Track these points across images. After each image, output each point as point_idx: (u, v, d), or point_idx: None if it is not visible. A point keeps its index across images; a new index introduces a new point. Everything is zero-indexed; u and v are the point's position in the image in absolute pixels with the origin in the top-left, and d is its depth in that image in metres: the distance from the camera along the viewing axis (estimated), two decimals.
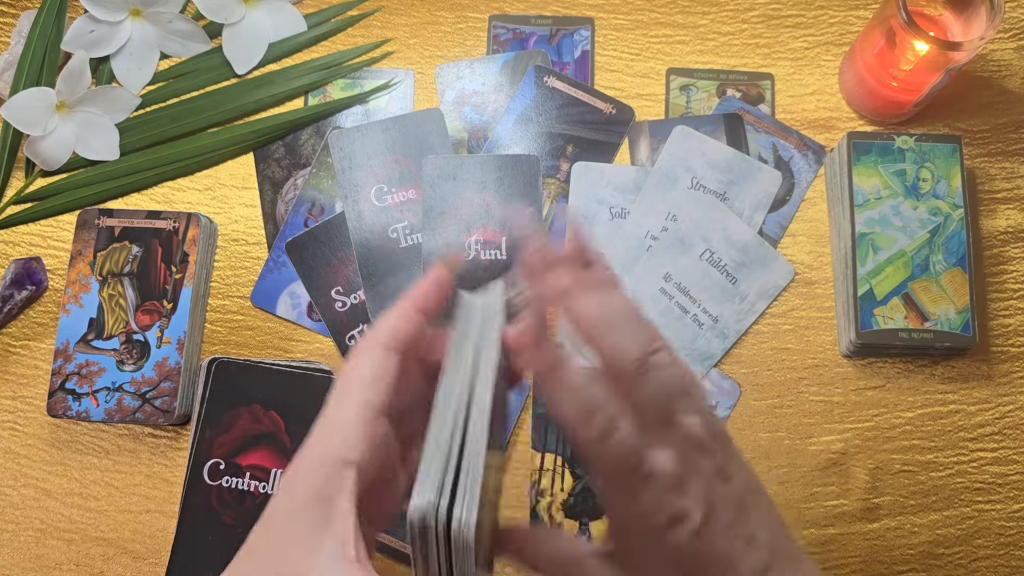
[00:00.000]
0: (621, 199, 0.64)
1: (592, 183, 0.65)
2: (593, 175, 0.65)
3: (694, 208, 0.63)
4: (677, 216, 0.63)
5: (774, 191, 0.64)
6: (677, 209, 0.63)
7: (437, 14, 0.69)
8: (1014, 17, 0.68)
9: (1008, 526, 0.59)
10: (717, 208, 0.63)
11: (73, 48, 0.65)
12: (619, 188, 0.64)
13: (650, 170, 0.64)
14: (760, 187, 0.64)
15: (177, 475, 0.61)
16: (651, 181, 0.64)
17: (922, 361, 0.62)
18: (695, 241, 0.63)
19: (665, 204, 0.64)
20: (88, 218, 0.63)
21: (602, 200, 0.64)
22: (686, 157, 0.64)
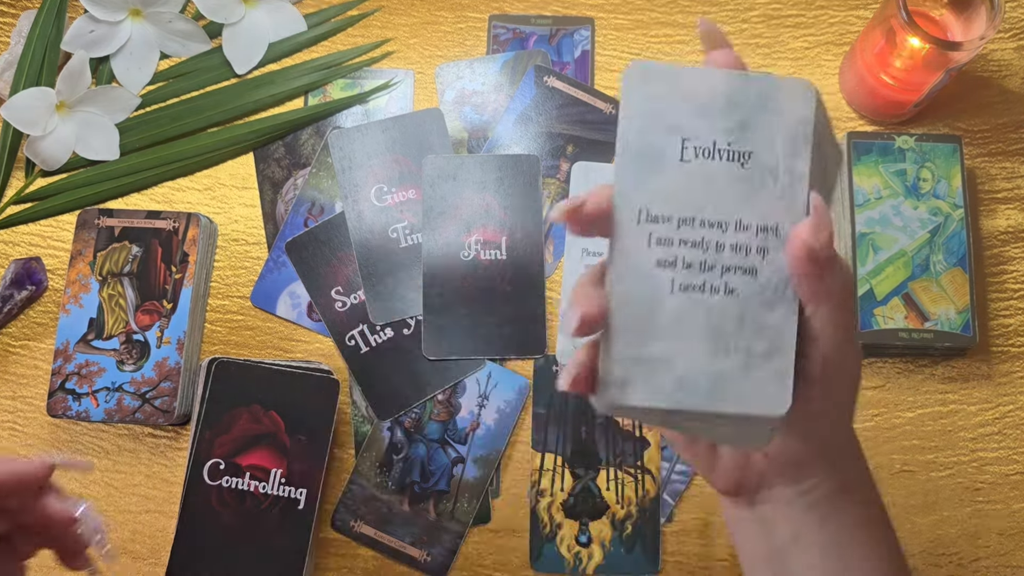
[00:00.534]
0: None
1: (592, 183, 0.65)
2: (593, 175, 0.65)
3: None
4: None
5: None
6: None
7: (437, 14, 0.69)
8: (1014, 17, 0.68)
9: (1009, 526, 0.59)
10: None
11: (73, 48, 0.65)
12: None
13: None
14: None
15: (177, 475, 0.61)
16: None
17: (922, 361, 0.62)
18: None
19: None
20: (88, 218, 0.63)
21: None
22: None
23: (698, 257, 0.33)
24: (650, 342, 0.32)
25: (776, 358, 0.32)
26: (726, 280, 0.33)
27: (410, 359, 0.62)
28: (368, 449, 0.61)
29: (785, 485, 0.36)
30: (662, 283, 0.33)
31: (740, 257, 0.33)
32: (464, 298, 0.63)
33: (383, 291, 0.63)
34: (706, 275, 0.33)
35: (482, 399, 0.61)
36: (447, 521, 0.60)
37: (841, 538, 0.36)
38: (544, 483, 0.60)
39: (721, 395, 0.32)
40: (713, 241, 0.33)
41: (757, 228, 0.33)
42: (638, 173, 0.33)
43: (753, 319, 0.33)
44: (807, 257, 0.31)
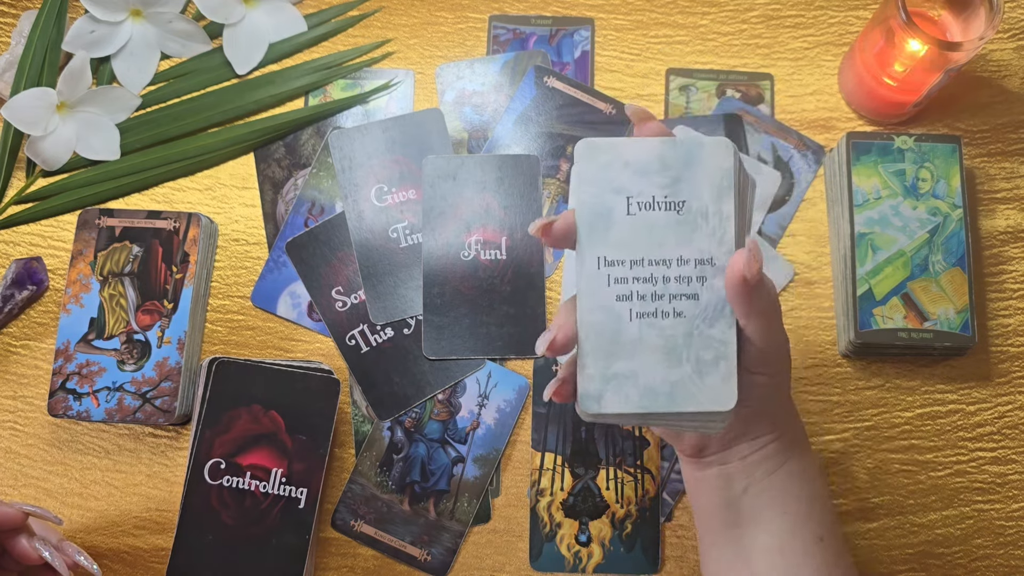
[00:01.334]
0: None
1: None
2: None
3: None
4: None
5: (774, 191, 0.64)
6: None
7: (437, 14, 0.69)
8: (1013, 17, 0.68)
9: (1007, 526, 0.59)
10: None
11: (74, 48, 0.65)
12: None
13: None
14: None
15: (177, 475, 0.61)
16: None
17: (921, 361, 0.62)
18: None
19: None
20: (89, 218, 0.63)
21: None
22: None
23: (649, 289, 0.41)
24: (617, 361, 0.40)
25: (722, 364, 0.40)
26: (674, 305, 0.41)
27: (410, 359, 0.62)
28: (368, 449, 0.61)
29: (742, 443, 0.45)
30: (622, 313, 0.41)
31: (684, 286, 0.41)
32: (464, 298, 0.63)
33: (383, 291, 0.63)
34: (657, 303, 0.41)
35: (482, 399, 0.62)
36: (447, 520, 0.60)
37: (786, 487, 0.46)
38: (544, 482, 0.60)
39: (679, 398, 0.40)
40: (660, 275, 0.41)
41: (695, 261, 0.41)
42: (594, 228, 0.41)
43: (699, 334, 0.41)
44: (741, 283, 0.39)
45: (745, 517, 0.46)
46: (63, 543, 0.49)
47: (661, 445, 0.61)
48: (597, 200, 0.41)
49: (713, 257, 0.41)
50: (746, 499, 0.46)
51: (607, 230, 0.41)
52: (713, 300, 0.41)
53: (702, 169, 0.41)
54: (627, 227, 0.41)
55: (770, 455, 0.46)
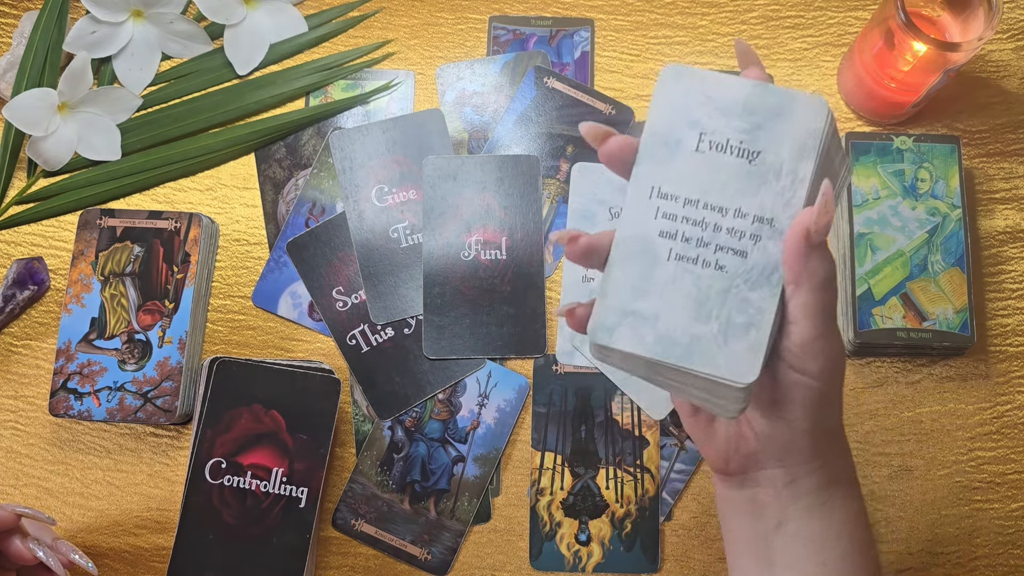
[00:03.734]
0: (621, 199, 0.64)
1: (592, 183, 0.65)
2: (593, 175, 0.65)
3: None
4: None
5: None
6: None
7: (437, 15, 0.69)
8: (1012, 18, 0.68)
9: (1006, 525, 0.59)
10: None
11: (75, 49, 0.65)
12: (619, 188, 0.65)
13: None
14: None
15: (178, 474, 0.61)
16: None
17: (920, 361, 0.62)
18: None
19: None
20: (90, 218, 0.63)
21: (602, 200, 0.65)
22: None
23: (697, 233, 0.37)
24: (642, 298, 0.37)
25: (752, 332, 0.36)
26: (718, 257, 0.37)
27: (410, 359, 0.62)
28: (369, 448, 0.61)
29: (773, 467, 0.39)
30: (661, 250, 0.37)
31: (734, 240, 0.37)
32: (464, 298, 0.63)
33: (384, 291, 0.63)
34: (701, 250, 0.37)
35: (482, 398, 0.62)
36: (448, 520, 0.60)
37: (825, 535, 0.39)
38: (544, 482, 0.60)
39: (695, 355, 0.36)
40: (713, 222, 0.37)
41: (754, 217, 0.37)
42: (657, 155, 0.38)
43: (737, 294, 0.36)
44: (802, 238, 0.34)
45: (778, 560, 0.40)
46: (58, 542, 0.49)
47: (660, 444, 0.61)
48: (668, 128, 0.38)
49: (775, 219, 0.37)
50: (779, 539, 0.40)
51: (669, 160, 0.38)
52: (762, 262, 0.37)
53: (788, 123, 0.37)
54: (691, 163, 0.37)
55: (809, 490, 0.39)
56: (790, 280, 0.35)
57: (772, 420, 0.37)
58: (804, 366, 0.37)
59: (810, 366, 0.36)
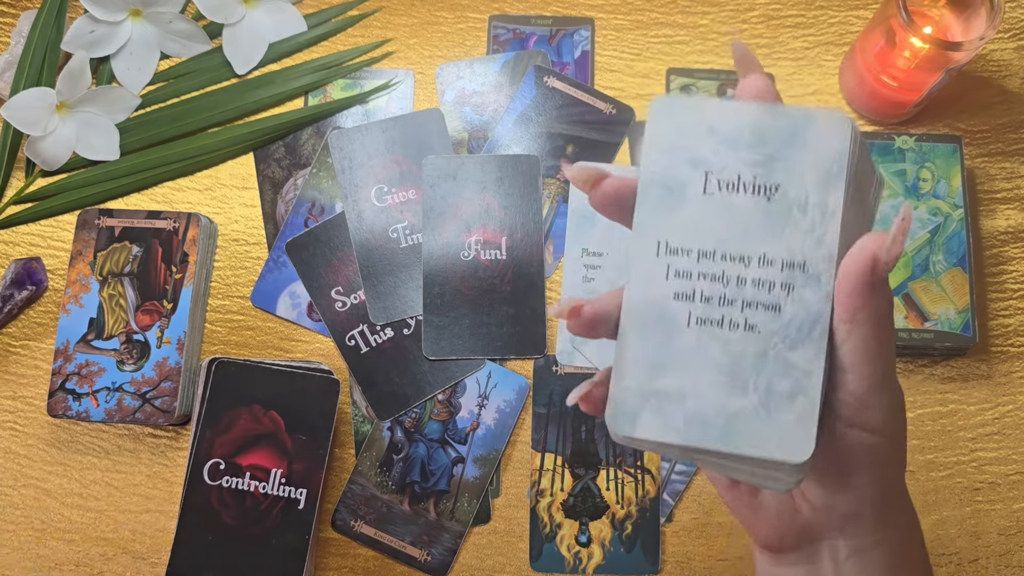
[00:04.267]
0: None
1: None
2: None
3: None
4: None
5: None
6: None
7: (437, 14, 0.69)
8: (1014, 17, 0.68)
9: (1008, 526, 0.59)
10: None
11: (73, 48, 0.65)
12: None
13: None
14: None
15: (177, 475, 0.61)
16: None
17: (922, 361, 0.62)
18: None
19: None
20: (88, 218, 0.63)
21: None
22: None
23: (718, 291, 0.32)
24: (663, 374, 0.32)
25: (799, 400, 0.31)
26: (747, 315, 0.32)
27: (410, 359, 0.62)
28: (368, 449, 0.61)
29: (833, 539, 0.34)
30: (679, 315, 0.32)
31: (763, 293, 0.32)
32: (464, 298, 0.63)
33: (383, 291, 0.63)
34: (726, 309, 0.32)
35: (482, 399, 0.61)
36: (447, 521, 0.60)
37: None
38: (544, 483, 0.60)
39: (737, 435, 0.31)
40: (734, 275, 0.32)
41: (783, 263, 0.32)
42: (659, 205, 0.33)
43: (776, 357, 0.31)
44: (869, 266, 0.29)
45: None
46: None
47: None
48: (668, 170, 0.33)
49: (806, 262, 0.32)
50: None
51: (675, 209, 0.32)
52: (800, 315, 0.31)
53: (807, 148, 0.32)
54: (701, 209, 0.32)
55: (875, 563, 0.33)
56: (846, 319, 0.30)
57: (832, 488, 0.32)
58: (865, 420, 0.31)
59: (872, 419, 0.31)
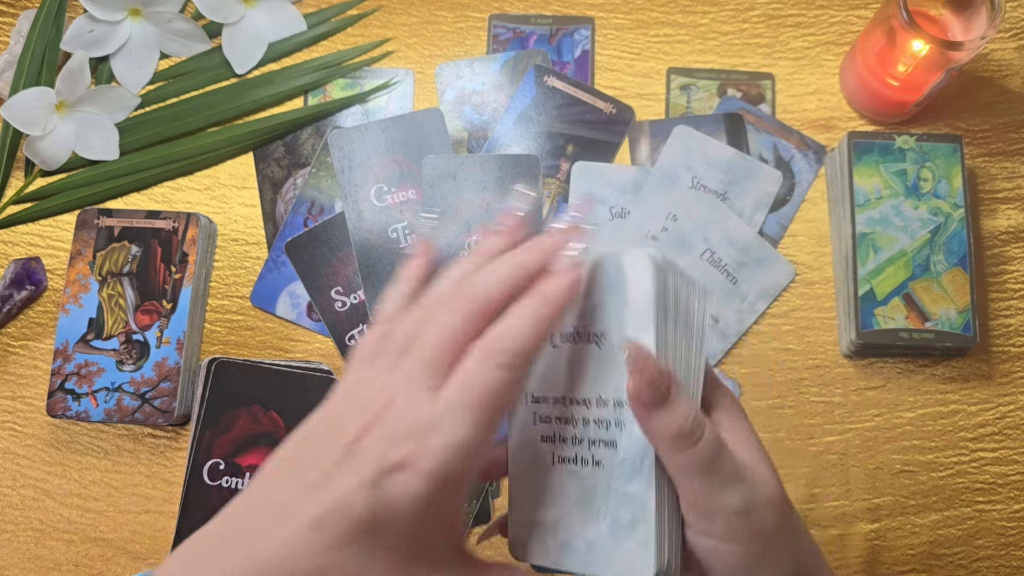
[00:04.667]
0: (621, 199, 0.64)
1: (592, 183, 0.65)
2: (593, 175, 0.65)
3: (695, 208, 0.63)
4: (678, 216, 0.63)
5: (775, 191, 0.64)
6: (678, 209, 0.63)
7: (437, 13, 0.69)
8: (1015, 17, 0.68)
9: (1009, 526, 0.59)
10: (718, 208, 0.63)
11: (72, 48, 0.65)
12: (619, 188, 0.64)
13: (650, 170, 0.64)
14: (761, 187, 0.64)
15: (177, 475, 0.61)
16: (651, 181, 0.64)
17: (923, 361, 0.62)
18: (696, 241, 0.63)
19: (666, 204, 0.63)
20: (87, 218, 0.63)
21: (602, 200, 0.64)
22: (686, 157, 0.64)
23: (570, 432, 0.36)
24: (540, 508, 0.36)
25: (639, 527, 0.33)
26: (593, 452, 0.35)
27: None
28: None
29: None
30: (545, 455, 0.36)
31: (602, 431, 0.35)
32: None
33: (383, 291, 0.63)
34: (577, 448, 0.36)
35: None
36: None
37: None
38: None
39: (595, 560, 0.34)
40: (580, 417, 0.36)
41: (613, 403, 0.35)
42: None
43: (617, 489, 0.34)
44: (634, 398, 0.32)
45: None
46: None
47: None
48: None
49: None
50: None
51: (535, 363, 0.36)
52: (632, 449, 0.34)
53: (622, 291, 0.34)
54: (552, 361, 0.36)
55: None
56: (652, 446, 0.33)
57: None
58: (708, 528, 0.33)
59: (714, 527, 0.33)
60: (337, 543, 0.30)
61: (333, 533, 0.30)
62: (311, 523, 0.30)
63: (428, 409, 0.31)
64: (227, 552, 0.31)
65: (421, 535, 0.31)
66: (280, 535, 0.30)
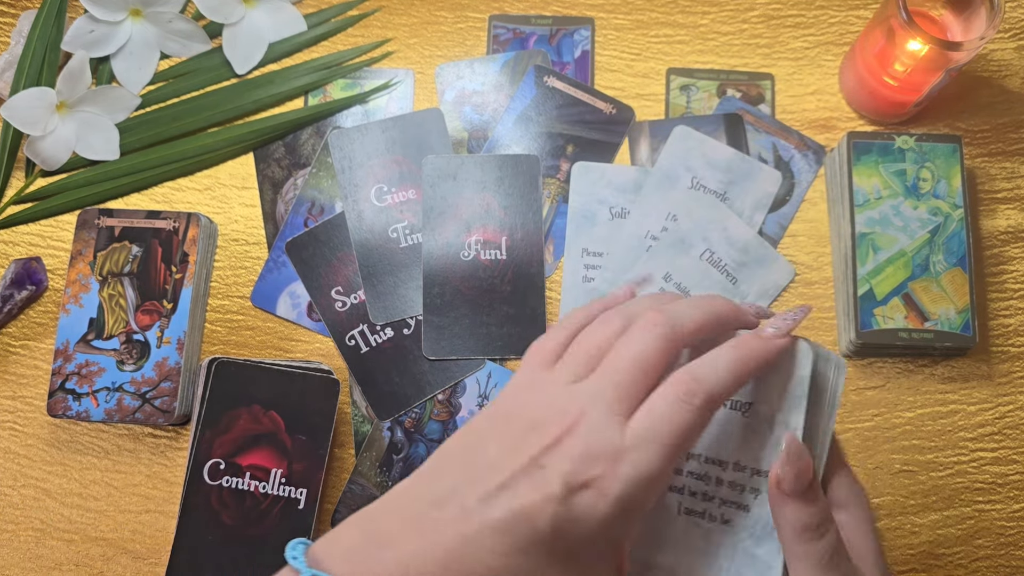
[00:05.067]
0: (621, 199, 0.64)
1: (592, 183, 0.65)
2: (593, 175, 0.65)
3: (694, 208, 0.63)
4: (677, 216, 0.63)
5: (774, 191, 0.64)
6: (677, 209, 0.63)
7: (437, 14, 0.69)
8: (1014, 17, 0.68)
9: (1008, 526, 0.59)
10: (717, 208, 0.63)
11: (73, 48, 0.65)
12: (619, 188, 0.64)
13: (650, 170, 0.64)
14: (760, 187, 0.64)
15: (177, 475, 0.61)
16: (651, 181, 0.64)
17: (922, 361, 0.62)
18: (695, 241, 0.63)
19: (665, 204, 0.64)
20: (88, 218, 0.63)
21: (602, 200, 0.64)
22: (686, 157, 0.64)
23: (701, 487, 0.38)
24: (657, 551, 0.38)
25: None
26: (723, 511, 0.37)
27: (410, 359, 0.62)
28: (368, 449, 0.61)
29: None
30: (671, 504, 0.38)
31: (736, 493, 0.38)
32: (464, 298, 0.63)
33: (383, 291, 0.63)
34: (707, 504, 0.38)
35: (482, 399, 0.61)
36: None
37: None
38: None
39: None
40: (715, 476, 0.38)
41: (751, 470, 0.37)
42: None
43: (745, 550, 0.36)
44: (774, 484, 0.35)
45: None
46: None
47: None
48: None
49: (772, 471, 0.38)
50: None
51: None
52: (764, 517, 0.37)
53: (775, 371, 0.37)
54: None
55: None
56: (776, 528, 0.36)
57: None
58: None
59: None
60: (515, 550, 0.31)
61: (514, 539, 0.31)
62: (494, 526, 0.31)
63: (617, 436, 0.32)
64: (405, 537, 0.32)
65: (591, 556, 0.32)
66: (461, 531, 0.31)
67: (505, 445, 0.33)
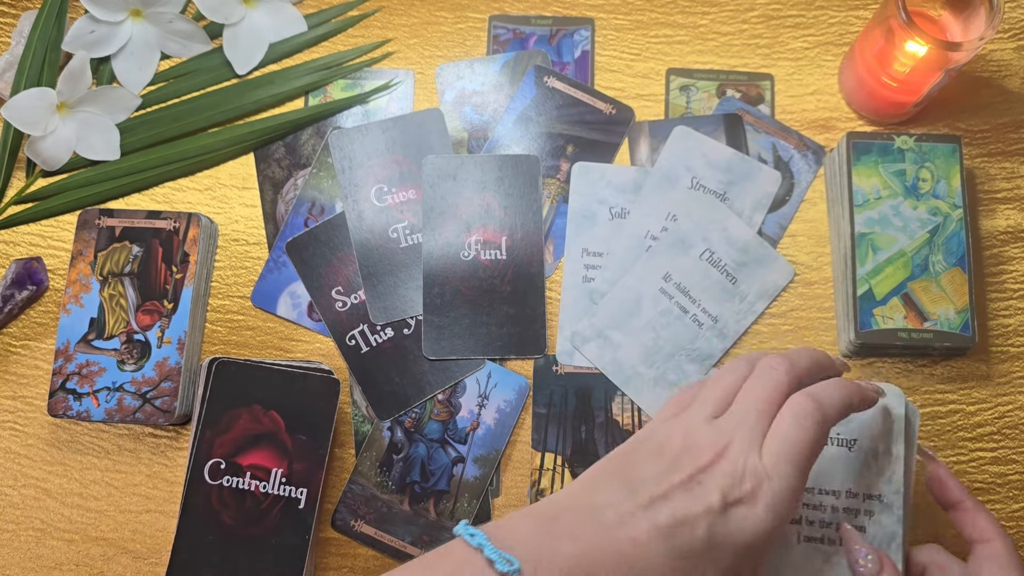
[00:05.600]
0: (621, 199, 0.64)
1: (592, 183, 0.65)
2: (593, 175, 0.65)
3: (694, 208, 0.63)
4: (677, 216, 0.63)
5: (774, 191, 0.64)
6: (677, 209, 0.64)
7: (437, 14, 0.69)
8: (1014, 17, 0.68)
9: (1008, 526, 0.59)
10: (717, 208, 0.63)
11: (74, 48, 0.65)
12: (619, 188, 0.64)
13: (650, 170, 0.64)
14: (760, 187, 0.64)
15: (177, 475, 0.61)
16: (651, 181, 0.64)
17: (921, 361, 0.62)
18: (695, 241, 0.63)
19: (665, 204, 0.64)
20: (89, 218, 0.63)
21: (602, 200, 0.64)
22: (686, 157, 0.64)
23: (817, 516, 0.45)
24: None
25: None
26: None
27: (410, 359, 0.62)
28: (368, 449, 0.61)
29: None
30: (791, 535, 0.45)
31: (851, 517, 0.45)
32: (464, 298, 0.63)
33: (383, 291, 0.63)
34: (824, 530, 0.45)
35: (482, 399, 0.62)
36: (447, 521, 0.60)
37: None
38: (544, 482, 0.60)
39: None
40: (829, 505, 0.46)
41: (863, 496, 0.46)
42: None
43: None
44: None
45: None
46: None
47: None
48: None
49: (882, 495, 0.45)
50: None
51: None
52: (879, 534, 0.44)
53: (874, 412, 0.46)
54: None
55: None
56: None
57: None
58: None
59: None
60: (675, 554, 0.36)
61: (676, 544, 0.36)
62: (660, 530, 0.36)
63: (760, 458, 0.38)
64: (583, 530, 0.36)
65: (735, 567, 0.37)
66: (628, 533, 0.36)
67: (660, 466, 0.38)
